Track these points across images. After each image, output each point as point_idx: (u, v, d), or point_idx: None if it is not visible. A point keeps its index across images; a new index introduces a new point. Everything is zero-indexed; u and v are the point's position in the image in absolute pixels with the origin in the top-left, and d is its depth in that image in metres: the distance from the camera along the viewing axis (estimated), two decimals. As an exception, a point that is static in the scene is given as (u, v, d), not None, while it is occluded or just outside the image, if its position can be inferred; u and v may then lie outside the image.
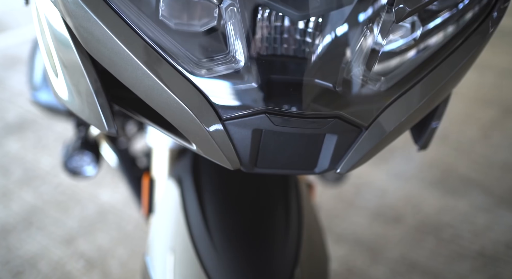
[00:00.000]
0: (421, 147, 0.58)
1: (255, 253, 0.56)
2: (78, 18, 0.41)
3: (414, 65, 0.46)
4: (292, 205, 0.64)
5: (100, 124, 0.47)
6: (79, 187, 1.65)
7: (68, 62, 0.47)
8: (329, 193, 1.66)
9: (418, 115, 0.49)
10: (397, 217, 1.60)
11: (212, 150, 0.45)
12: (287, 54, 0.42)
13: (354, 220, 1.58)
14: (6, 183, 1.67)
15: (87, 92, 0.46)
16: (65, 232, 1.48)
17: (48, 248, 1.42)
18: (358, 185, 1.73)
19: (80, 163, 0.95)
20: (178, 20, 0.40)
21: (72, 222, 1.52)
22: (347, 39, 0.42)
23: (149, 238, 0.64)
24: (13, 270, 1.34)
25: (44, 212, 1.55)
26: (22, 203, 1.58)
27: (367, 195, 1.69)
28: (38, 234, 1.46)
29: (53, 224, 1.51)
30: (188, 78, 0.42)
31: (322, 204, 1.62)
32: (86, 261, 1.38)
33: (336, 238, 1.51)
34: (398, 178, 1.78)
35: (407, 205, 1.66)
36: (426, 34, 0.45)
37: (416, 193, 1.72)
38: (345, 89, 0.43)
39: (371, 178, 1.77)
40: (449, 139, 2.03)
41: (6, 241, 1.43)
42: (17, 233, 1.46)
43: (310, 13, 0.40)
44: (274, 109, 0.42)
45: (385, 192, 1.72)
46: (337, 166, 0.47)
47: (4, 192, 1.62)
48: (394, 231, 1.55)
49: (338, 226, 1.55)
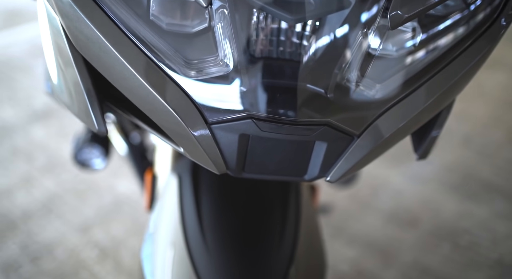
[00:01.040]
0: (420, 156, 0.56)
1: (247, 256, 0.56)
2: (69, 17, 0.41)
3: (413, 72, 0.44)
4: (290, 209, 0.63)
5: (91, 123, 0.48)
6: (98, 177, 1.69)
7: (62, 60, 0.48)
8: (344, 193, 1.64)
9: (415, 123, 0.47)
10: (412, 221, 1.57)
11: (198, 154, 0.44)
12: (278, 58, 0.41)
13: (368, 222, 1.56)
14: (30, 169, 1.72)
15: (79, 91, 0.47)
16: (82, 221, 1.52)
17: (65, 235, 1.46)
18: (374, 186, 1.70)
19: (89, 155, 0.96)
20: (169, 21, 0.40)
21: (89, 211, 1.56)
22: (341, 44, 0.41)
23: (145, 234, 0.65)
24: (31, 255, 1.39)
25: (64, 199, 1.60)
26: (43, 189, 1.63)
27: (383, 197, 1.67)
28: (56, 221, 1.51)
29: (71, 212, 1.55)
30: (175, 80, 0.41)
31: (336, 203, 1.60)
32: (100, 250, 1.42)
33: (349, 239, 1.49)
34: (416, 180, 1.74)
35: (424, 209, 1.62)
36: (427, 40, 0.44)
37: (434, 197, 1.68)
38: (337, 95, 0.42)
39: (388, 179, 1.74)
40: (472, 142, 1.97)
41: (26, 226, 1.48)
42: (36, 219, 1.51)
43: (304, 17, 0.39)
44: (260, 114, 0.41)
45: (402, 194, 1.68)
46: (327, 174, 0.46)
47: (27, 178, 1.68)
48: (409, 235, 1.52)
49: (351, 227, 1.54)
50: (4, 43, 2.64)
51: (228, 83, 0.41)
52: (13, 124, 1.97)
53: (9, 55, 2.50)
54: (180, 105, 0.41)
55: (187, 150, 0.45)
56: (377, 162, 1.75)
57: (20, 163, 1.75)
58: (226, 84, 0.41)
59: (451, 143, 1.95)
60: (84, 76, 0.46)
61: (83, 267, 1.36)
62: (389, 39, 0.43)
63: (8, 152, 1.80)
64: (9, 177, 1.67)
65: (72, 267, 1.36)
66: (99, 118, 0.47)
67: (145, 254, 0.62)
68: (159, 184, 0.78)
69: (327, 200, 1.60)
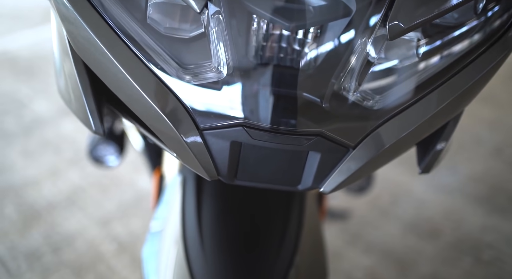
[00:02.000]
0: (422, 170, 0.54)
1: (243, 262, 0.55)
2: (68, 19, 0.42)
3: (415, 84, 0.43)
4: (292, 217, 0.63)
5: (88, 124, 0.48)
6: (121, 172, 1.73)
7: (64, 61, 0.49)
8: (364, 199, 1.61)
9: (416, 136, 0.45)
10: (433, 232, 1.53)
11: (189, 159, 0.44)
12: (272, 65, 0.40)
13: (387, 230, 1.53)
14: (57, 162, 1.79)
15: (77, 92, 0.48)
16: (102, 214, 1.56)
17: (86, 227, 1.51)
18: (395, 194, 1.66)
19: (104, 152, 0.99)
20: (167, 25, 0.40)
21: (110, 205, 1.60)
22: (339, 53, 0.40)
23: (147, 234, 0.66)
24: (53, 245, 1.44)
25: (87, 193, 1.65)
26: (68, 182, 1.69)
27: (404, 205, 1.63)
28: (78, 213, 1.56)
29: (93, 205, 1.60)
30: (167, 85, 0.41)
31: (355, 210, 1.58)
32: (119, 244, 1.45)
33: (365, 246, 1.47)
34: (440, 190, 1.69)
35: (446, 220, 1.57)
36: (432, 51, 0.42)
37: (458, 208, 1.62)
38: (333, 105, 0.41)
39: (410, 187, 1.70)
40: (503, 152, 1.89)
41: (50, 217, 1.54)
42: (60, 210, 1.57)
43: (303, 24, 0.38)
44: (251, 122, 0.41)
45: (424, 203, 1.64)
46: (321, 185, 0.46)
47: (54, 170, 1.74)
48: (429, 246, 1.47)
49: (369, 234, 1.51)
50: (42, 37, 2.74)
51: (221, 89, 0.41)
52: (45, 117, 2.05)
53: (46, 50, 2.59)
54: (171, 110, 0.41)
55: (179, 155, 0.45)
56: (399, 169, 1.72)
57: (49, 155, 1.81)
58: (219, 90, 0.41)
59: (480, 153, 1.87)
60: (83, 78, 0.47)
61: (101, 260, 1.40)
62: (391, 49, 0.42)
63: (39, 144, 1.87)
64: (38, 169, 1.74)
65: (91, 259, 1.40)
66: (96, 119, 0.48)
67: (146, 253, 0.63)
68: (165, 185, 0.79)
69: (345, 206, 1.57)
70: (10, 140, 1.88)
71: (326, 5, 0.39)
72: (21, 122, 1.99)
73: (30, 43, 2.68)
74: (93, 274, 1.35)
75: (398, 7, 0.38)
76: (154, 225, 0.66)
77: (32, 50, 2.60)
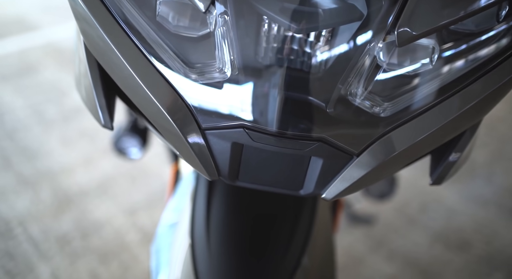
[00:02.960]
0: (433, 181, 0.51)
1: (247, 264, 0.55)
2: (81, 17, 0.43)
3: (427, 92, 0.41)
4: (302, 223, 0.62)
5: (98, 118, 0.50)
6: (151, 164, 1.77)
7: (80, 57, 0.51)
8: (391, 205, 1.57)
9: (425, 147, 0.43)
10: (462, 244, 1.47)
11: (191, 158, 0.44)
12: (281, 67, 0.39)
13: (413, 239, 1.48)
14: (92, 151, 1.85)
15: (89, 87, 0.49)
16: (130, 204, 1.61)
17: (114, 216, 1.56)
18: (424, 202, 1.61)
19: (127, 144, 1.01)
20: (175, 23, 0.41)
21: (139, 195, 1.65)
22: (346, 58, 0.39)
23: (157, 228, 0.67)
24: (82, 231, 1.50)
25: (117, 182, 1.70)
26: (101, 171, 1.75)
27: (433, 214, 1.57)
28: (108, 202, 1.62)
29: (123, 195, 1.65)
30: (171, 83, 0.41)
31: (380, 215, 1.54)
32: (143, 235, 1.49)
33: (388, 254, 1.43)
34: (473, 201, 1.62)
35: (478, 233, 1.50)
36: (447, 58, 0.40)
37: (491, 220, 1.55)
38: (338, 111, 0.40)
39: (441, 196, 1.63)
40: (547, 164, 1.78)
41: (82, 203, 1.60)
42: (91, 197, 1.63)
43: (310, 27, 0.37)
44: (252, 124, 0.40)
45: (454, 214, 1.57)
46: (323, 191, 0.45)
47: (88, 159, 1.81)
48: (456, 258, 1.42)
49: (394, 242, 1.47)
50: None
51: (224, 89, 0.40)
52: (83, 107, 2.12)
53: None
54: (174, 108, 0.41)
55: (181, 153, 0.46)
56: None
57: (85, 144, 1.89)
58: (222, 90, 0.41)
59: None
60: (94, 74, 0.48)
61: (125, 248, 1.45)
62: (403, 56, 0.40)
63: (76, 132, 1.95)
64: (73, 156, 1.81)
65: (116, 247, 1.45)
66: (106, 114, 0.49)
67: (154, 248, 0.64)
68: (180, 179, 0.80)
69: (371, 211, 1.54)
70: (50, 127, 1.97)
71: (337, 8, 0.38)
72: (61, 111, 2.08)
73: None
74: (118, 262, 1.40)
75: (408, 13, 0.37)
76: (164, 219, 0.67)
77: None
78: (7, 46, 2.65)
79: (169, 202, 0.71)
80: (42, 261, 1.39)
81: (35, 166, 1.75)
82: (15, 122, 1.99)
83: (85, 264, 1.39)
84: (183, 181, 0.72)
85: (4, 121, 1.99)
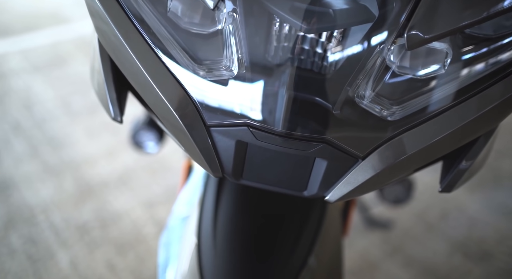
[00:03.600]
0: (442, 189, 0.50)
1: (253, 264, 0.55)
2: (95, 13, 0.44)
3: (438, 97, 0.40)
4: (309, 226, 0.61)
5: (108, 111, 0.51)
6: (171, 158, 1.80)
7: (95, 52, 0.52)
8: (411, 211, 1.54)
9: (433, 153, 0.42)
10: (483, 254, 1.42)
11: (195, 154, 0.45)
12: (290, 67, 0.39)
13: (431, 246, 1.45)
14: (115, 143, 1.89)
15: (102, 82, 0.50)
16: (149, 197, 1.64)
17: (132, 208, 1.59)
18: (445, 209, 1.57)
19: (144, 138, 1.03)
20: (186, 19, 0.41)
21: (157, 189, 1.67)
22: (357, 59, 0.38)
23: (167, 221, 0.68)
24: (101, 221, 1.54)
25: (138, 175, 1.73)
26: (122, 163, 1.79)
27: (454, 223, 1.53)
28: (127, 194, 1.65)
29: (142, 188, 1.68)
30: (178, 79, 0.42)
31: (399, 220, 1.51)
32: (160, 228, 1.52)
33: (405, 260, 1.40)
34: (496, 211, 1.56)
35: (500, 244, 1.45)
36: (462, 63, 0.39)
37: (516, 232, 1.49)
38: (344, 113, 0.39)
39: (463, 204, 1.59)
40: None
41: (102, 194, 1.64)
42: (111, 189, 1.66)
43: (321, 27, 0.37)
44: (256, 123, 0.40)
45: (476, 223, 1.52)
46: (327, 193, 0.44)
47: (110, 151, 1.84)
48: (476, 269, 1.38)
49: (411, 248, 1.44)
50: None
51: (230, 87, 0.41)
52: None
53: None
54: (180, 104, 0.42)
55: (186, 149, 0.46)
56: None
57: (108, 136, 1.93)
58: (228, 88, 0.41)
59: (551, 174, 1.71)
60: (106, 69, 0.49)
61: (142, 241, 1.47)
62: (415, 59, 0.39)
63: (100, 125, 1.99)
64: (97, 148, 1.85)
65: (133, 239, 1.48)
66: (116, 108, 0.51)
67: (164, 240, 0.65)
68: (192, 174, 0.80)
69: (389, 215, 1.51)
70: (76, 119, 2.02)
71: (348, 9, 0.37)
72: (87, 102, 2.13)
73: (105, 28, 2.84)
74: (134, 254, 1.43)
75: (419, 16, 0.36)
76: (175, 212, 0.68)
77: (106, 35, 2.76)
78: (40, 38, 2.73)
79: (180, 195, 0.72)
80: (62, 249, 1.43)
81: (60, 156, 1.80)
82: (44, 112, 2.05)
83: (102, 254, 1.42)
84: (194, 174, 0.72)
85: (34, 111, 2.06)
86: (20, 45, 2.64)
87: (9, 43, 2.65)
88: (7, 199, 1.59)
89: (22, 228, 1.49)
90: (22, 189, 1.64)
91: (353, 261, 1.38)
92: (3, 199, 1.59)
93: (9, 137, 1.89)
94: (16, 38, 2.72)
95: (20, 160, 1.77)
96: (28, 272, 1.35)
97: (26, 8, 3.11)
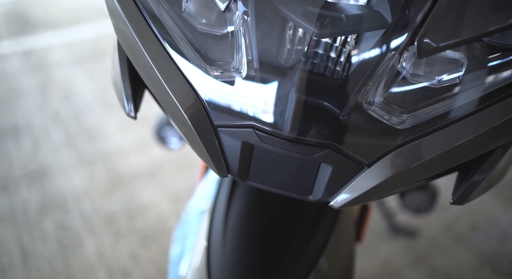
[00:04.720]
0: (453, 200, 0.48)
1: (260, 265, 0.56)
2: (114, 10, 0.46)
3: (450, 106, 0.39)
4: (320, 230, 0.60)
5: (123, 106, 0.53)
6: (199, 154, 1.82)
7: (114, 49, 0.54)
8: (438, 220, 1.49)
9: (442, 163, 0.41)
10: (514, 270, 1.36)
11: (202, 153, 0.45)
12: (299, 70, 0.39)
13: (457, 258, 1.40)
14: (146, 137, 1.94)
15: (118, 79, 0.53)
16: (175, 191, 1.67)
17: (159, 201, 1.63)
18: (475, 220, 1.50)
19: (168, 134, 1.05)
20: (201, 20, 0.42)
21: (184, 184, 1.71)
22: (367, 65, 0.38)
23: (179, 221, 0.69)
24: (128, 212, 1.59)
25: (166, 169, 1.77)
26: (152, 156, 1.83)
27: (484, 235, 1.46)
28: (155, 186, 1.69)
29: (170, 182, 1.71)
30: (188, 79, 0.43)
31: (425, 229, 1.47)
32: (183, 222, 1.55)
33: (429, 271, 1.36)
34: (532, 225, 1.49)
35: (533, 260, 1.38)
36: (477, 73, 0.38)
37: (552, 249, 1.41)
38: (352, 119, 0.39)
39: (496, 216, 1.52)
40: None
41: (131, 186, 1.69)
42: (140, 181, 1.71)
43: (332, 32, 0.37)
44: (262, 125, 0.41)
45: (508, 237, 1.45)
46: (331, 199, 0.44)
47: (141, 144, 1.90)
48: (505, 285, 1.32)
49: (436, 259, 1.39)
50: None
51: (237, 89, 0.41)
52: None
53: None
54: (188, 103, 0.43)
55: (193, 147, 0.47)
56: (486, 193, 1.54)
57: (140, 129, 1.98)
58: (236, 89, 0.41)
59: None
60: (123, 66, 0.51)
61: (165, 234, 1.51)
62: (428, 67, 0.38)
63: (134, 118, 2.05)
64: (129, 140, 1.91)
65: (157, 231, 1.52)
66: (131, 104, 0.52)
67: (179, 234, 0.66)
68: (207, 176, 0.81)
69: (415, 224, 1.47)
70: (112, 111, 2.09)
71: (361, 14, 0.37)
72: (123, 96, 2.20)
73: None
74: (156, 246, 1.46)
75: (431, 24, 0.35)
76: (191, 206, 0.69)
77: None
78: (84, 32, 2.84)
79: (197, 189, 0.73)
80: (90, 237, 1.49)
81: (94, 147, 1.87)
82: (82, 104, 2.14)
83: (127, 244, 1.47)
84: (208, 178, 0.73)
85: (73, 102, 2.14)
86: (64, 39, 2.75)
87: (55, 36, 2.78)
88: (42, 185, 1.67)
89: (54, 215, 1.56)
90: (57, 177, 1.72)
91: (374, 267, 1.36)
92: (39, 185, 1.67)
93: (48, 126, 1.98)
94: (61, 32, 2.84)
95: (57, 149, 1.85)
96: (57, 257, 1.42)
97: (72, 3, 3.24)
